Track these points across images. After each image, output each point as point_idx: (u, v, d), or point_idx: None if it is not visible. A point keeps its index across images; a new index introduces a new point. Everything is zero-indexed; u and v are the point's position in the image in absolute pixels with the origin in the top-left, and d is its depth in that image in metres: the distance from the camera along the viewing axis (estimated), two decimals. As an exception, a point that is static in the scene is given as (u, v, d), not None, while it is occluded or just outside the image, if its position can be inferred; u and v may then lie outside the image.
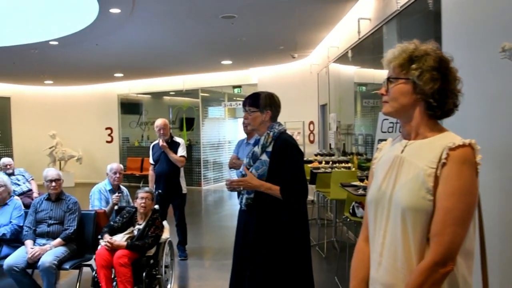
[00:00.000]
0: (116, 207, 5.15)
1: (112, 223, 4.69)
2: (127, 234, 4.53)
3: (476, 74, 2.86)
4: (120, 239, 4.44)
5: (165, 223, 5.02)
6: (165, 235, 4.84)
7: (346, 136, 8.01)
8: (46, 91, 15.42)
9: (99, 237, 4.56)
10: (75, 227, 4.74)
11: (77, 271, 4.68)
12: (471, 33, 3.19)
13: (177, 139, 6.24)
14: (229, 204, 11.61)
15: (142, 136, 15.28)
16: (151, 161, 6.23)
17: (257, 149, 3.19)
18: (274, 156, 3.11)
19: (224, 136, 15.22)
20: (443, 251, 1.47)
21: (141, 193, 4.67)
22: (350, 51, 7.26)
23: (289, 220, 3.09)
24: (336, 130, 8.42)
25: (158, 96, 15.32)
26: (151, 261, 4.55)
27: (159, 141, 6.03)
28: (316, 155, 8.13)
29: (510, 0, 2.66)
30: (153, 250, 4.59)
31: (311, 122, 11.42)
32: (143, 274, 4.37)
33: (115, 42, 8.71)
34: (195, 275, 5.82)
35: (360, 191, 4.75)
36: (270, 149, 3.14)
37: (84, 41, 8.45)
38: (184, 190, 6.25)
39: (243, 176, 3.18)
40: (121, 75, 13.50)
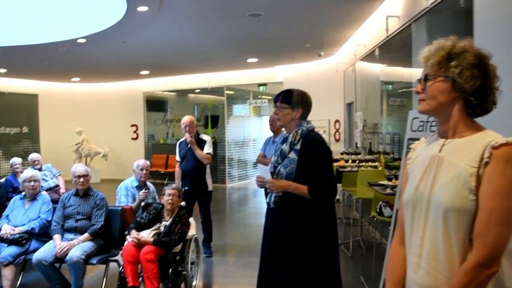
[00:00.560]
0: (142, 204, 5.19)
1: (139, 219, 4.72)
2: (153, 230, 4.55)
3: (510, 71, 2.78)
4: (147, 235, 4.46)
5: (191, 220, 5.04)
6: (192, 232, 4.85)
7: (372, 134, 7.93)
8: (73, 88, 15.63)
9: (126, 233, 4.60)
10: (102, 223, 4.79)
11: (103, 266, 4.73)
12: (505, 30, 3.12)
13: (203, 136, 6.25)
14: (254, 202, 11.63)
15: (167, 134, 15.40)
16: (178, 158, 6.24)
17: (285, 147, 3.17)
18: (303, 154, 3.09)
19: (249, 134, 15.20)
20: (488, 252, 1.43)
21: (168, 190, 4.68)
22: (377, 49, 7.18)
23: (317, 219, 3.08)
24: (363, 128, 8.34)
25: (183, 93, 15.40)
26: (177, 258, 4.56)
27: (186, 137, 6.05)
28: (342, 154, 8.06)
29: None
30: (179, 247, 4.60)
31: (337, 121, 11.35)
32: (169, 270, 4.39)
33: (142, 40, 8.77)
34: (220, 272, 5.82)
35: (388, 190, 4.69)
36: (298, 147, 3.12)
37: (111, 38, 8.54)
38: (210, 188, 6.25)
39: (271, 173, 3.18)
40: (147, 72, 13.59)
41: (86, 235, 4.66)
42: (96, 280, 5.14)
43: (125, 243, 4.47)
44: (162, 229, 4.57)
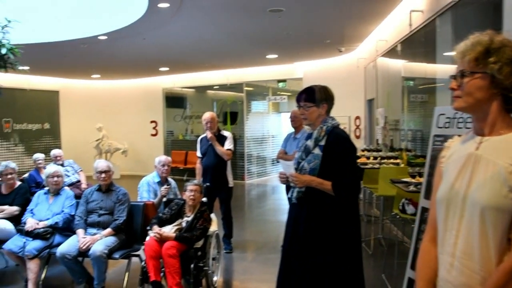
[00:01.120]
0: (164, 199, 5.21)
1: (161, 214, 4.74)
2: (175, 226, 4.57)
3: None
4: (169, 230, 4.48)
5: (213, 215, 5.04)
6: (213, 227, 4.86)
7: (394, 131, 7.85)
8: (93, 84, 15.77)
9: (148, 228, 4.62)
10: (124, 218, 4.82)
11: (125, 261, 4.78)
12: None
13: (224, 132, 6.25)
14: (273, 198, 11.61)
15: (186, 130, 15.45)
16: (199, 154, 6.26)
17: (310, 143, 3.15)
18: (327, 150, 3.06)
19: (268, 130, 15.17)
20: None
21: (190, 186, 4.70)
22: (399, 45, 7.09)
23: (340, 215, 3.05)
24: (384, 125, 8.27)
25: (202, 90, 15.42)
26: (199, 253, 4.57)
27: (206, 134, 6.06)
28: (363, 151, 8.00)
29: None
30: (200, 242, 4.60)
31: (357, 117, 11.26)
32: (191, 265, 4.39)
33: (162, 36, 8.79)
34: (240, 268, 5.83)
35: (412, 188, 4.63)
36: (323, 143, 3.09)
37: (132, 35, 8.57)
38: (231, 184, 6.25)
39: (295, 169, 3.16)
40: (166, 69, 13.64)
41: (108, 230, 4.70)
42: (118, 274, 5.18)
43: (147, 238, 4.49)
44: (184, 224, 4.59)
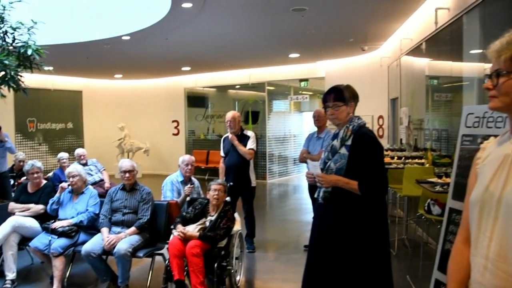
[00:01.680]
0: (188, 198, 5.22)
1: (184, 213, 4.75)
2: (199, 225, 4.58)
3: None
4: (193, 229, 4.49)
5: (236, 215, 5.04)
6: (237, 227, 4.86)
7: (418, 131, 7.75)
8: (115, 84, 15.94)
9: (172, 227, 4.64)
10: (148, 217, 4.85)
11: (149, 260, 4.81)
12: None
13: (247, 132, 6.25)
14: (294, 198, 11.58)
15: (208, 129, 15.50)
16: (222, 153, 6.28)
17: (336, 143, 3.12)
18: (354, 149, 3.04)
19: (289, 130, 15.12)
20: None
21: (214, 185, 4.70)
22: (424, 43, 6.99)
23: (367, 215, 3.01)
24: (408, 124, 8.16)
25: (223, 89, 15.44)
26: (222, 252, 4.57)
27: (229, 134, 6.07)
28: (386, 150, 7.91)
29: None
30: (224, 242, 4.61)
31: (380, 117, 11.14)
32: (215, 265, 4.39)
33: (185, 36, 8.82)
34: (262, 267, 5.82)
35: (438, 188, 4.55)
36: (349, 142, 3.06)
37: (155, 35, 8.63)
38: (254, 183, 6.25)
39: (321, 170, 3.14)
40: (188, 68, 13.71)
41: (133, 229, 4.73)
42: (142, 273, 5.21)
43: (171, 237, 4.52)
44: (207, 223, 4.59)
